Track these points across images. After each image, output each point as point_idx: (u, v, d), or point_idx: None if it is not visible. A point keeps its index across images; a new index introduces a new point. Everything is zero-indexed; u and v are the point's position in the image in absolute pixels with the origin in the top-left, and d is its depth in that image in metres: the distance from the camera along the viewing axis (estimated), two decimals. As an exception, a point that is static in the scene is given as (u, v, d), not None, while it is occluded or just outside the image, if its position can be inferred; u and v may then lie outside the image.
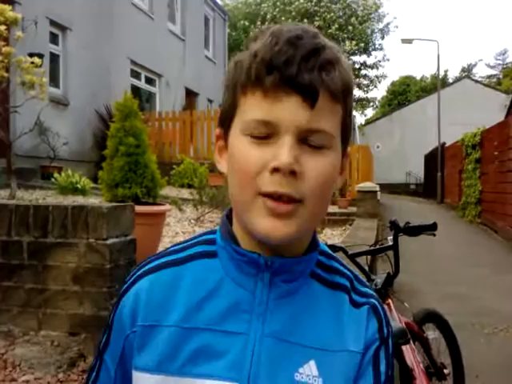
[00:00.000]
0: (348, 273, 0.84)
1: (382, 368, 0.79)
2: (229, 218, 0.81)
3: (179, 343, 0.74)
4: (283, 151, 0.67)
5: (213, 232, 0.83)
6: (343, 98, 0.72)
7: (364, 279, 0.87)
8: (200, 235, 0.84)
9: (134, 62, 14.30)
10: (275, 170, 0.67)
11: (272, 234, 0.70)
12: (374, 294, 0.85)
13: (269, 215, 0.69)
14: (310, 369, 0.74)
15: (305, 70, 0.67)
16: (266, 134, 0.69)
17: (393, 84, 46.64)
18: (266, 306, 0.75)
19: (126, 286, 0.81)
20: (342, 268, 0.84)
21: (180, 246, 0.83)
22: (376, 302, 0.82)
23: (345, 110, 0.73)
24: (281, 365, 0.73)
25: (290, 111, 0.68)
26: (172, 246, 0.84)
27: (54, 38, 11.10)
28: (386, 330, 0.80)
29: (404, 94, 44.86)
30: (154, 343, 0.75)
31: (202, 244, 0.81)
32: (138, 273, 0.81)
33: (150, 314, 0.76)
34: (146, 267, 0.81)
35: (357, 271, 2.81)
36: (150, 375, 0.74)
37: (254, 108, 0.69)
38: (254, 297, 0.75)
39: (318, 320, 0.77)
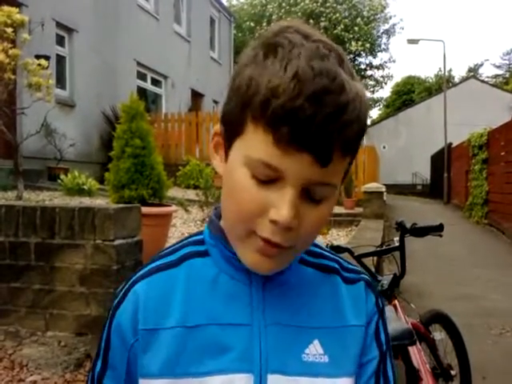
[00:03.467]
0: (333, 256, 0.87)
1: (383, 338, 0.84)
2: (216, 215, 0.82)
3: (184, 343, 0.74)
4: (285, 206, 0.66)
5: (199, 233, 0.83)
6: (355, 150, 0.70)
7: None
8: (187, 237, 0.84)
9: (139, 64, 14.34)
10: (273, 221, 0.67)
11: (259, 268, 0.72)
12: (362, 269, 0.88)
13: (258, 252, 0.70)
14: (315, 348, 0.77)
15: (323, 133, 0.64)
16: (270, 178, 0.67)
17: (397, 84, 46.56)
18: (263, 297, 0.76)
19: (117, 299, 0.79)
20: (327, 253, 0.86)
21: (169, 249, 0.83)
22: (367, 277, 0.86)
23: (354, 154, 0.71)
24: (288, 349, 0.75)
25: (300, 166, 0.65)
26: (160, 251, 0.83)
27: (60, 40, 11.14)
28: (380, 303, 0.85)
29: (408, 93, 44.77)
30: (157, 347, 0.74)
31: (191, 245, 0.81)
32: (130, 281, 0.79)
33: (150, 317, 0.75)
34: (138, 274, 0.80)
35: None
36: (158, 380, 0.74)
37: (262, 149, 0.66)
38: (250, 289, 0.76)
39: (316, 301, 0.80)
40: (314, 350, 0.76)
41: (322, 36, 0.71)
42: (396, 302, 2.63)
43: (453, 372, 2.90)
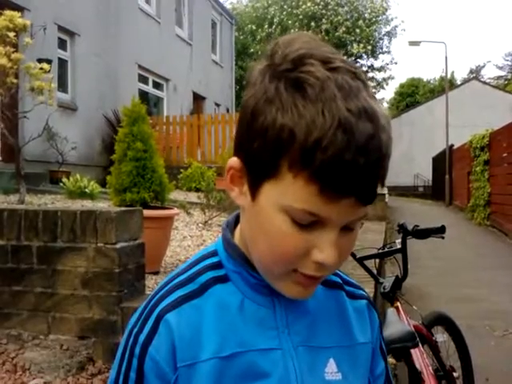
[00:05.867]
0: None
1: (384, 347, 0.89)
2: (230, 230, 0.80)
3: (222, 374, 0.73)
4: (330, 249, 0.67)
5: (213, 253, 0.81)
6: None
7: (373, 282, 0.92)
8: (200, 259, 0.81)
9: (141, 67, 14.37)
10: (318, 262, 0.68)
11: (297, 297, 0.74)
12: (354, 281, 0.90)
13: (298, 284, 0.71)
14: (331, 366, 0.79)
15: (370, 177, 0.64)
16: (310, 222, 0.66)
17: (401, 86, 46.56)
18: (286, 319, 0.77)
19: (146, 331, 0.74)
20: None
21: (186, 274, 0.79)
22: (365, 293, 0.89)
23: None
24: (314, 369, 0.77)
25: (344, 211, 0.65)
26: (177, 276, 0.80)
27: (62, 44, 11.17)
28: (377, 312, 0.88)
29: (412, 95, 44.77)
30: (196, 380, 0.73)
31: (208, 270, 0.79)
32: (156, 310, 0.75)
33: (186, 351, 0.73)
34: (164, 303, 0.75)
35: (365, 274, 2.81)
36: None
37: (305, 199, 0.64)
38: (274, 313, 0.77)
39: (327, 319, 0.81)
40: (331, 369, 0.78)
41: (338, 55, 0.68)
42: (398, 304, 2.63)
43: (455, 374, 2.89)
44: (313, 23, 27.79)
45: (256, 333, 0.75)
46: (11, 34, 6.02)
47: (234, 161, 0.72)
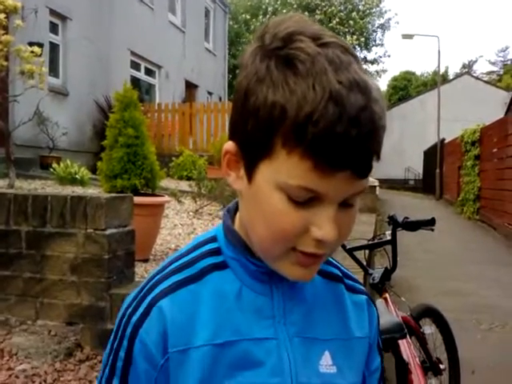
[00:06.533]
0: (334, 261, 0.87)
1: (380, 343, 0.88)
2: (230, 217, 0.79)
3: (215, 361, 0.72)
4: (328, 225, 0.66)
5: (212, 239, 0.80)
6: None
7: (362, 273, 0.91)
8: (200, 244, 0.81)
9: (133, 53, 14.26)
10: (318, 239, 0.67)
11: (299, 279, 0.73)
12: (354, 275, 0.90)
13: (298, 264, 0.70)
14: (326, 359, 0.78)
15: (365, 149, 0.63)
16: (306, 199, 0.66)
17: (394, 79, 46.60)
18: (283, 308, 0.77)
19: (137, 314, 0.74)
20: (329, 258, 0.86)
21: (185, 259, 0.79)
22: (364, 288, 0.88)
23: None
24: (309, 361, 0.77)
25: (340, 185, 0.64)
26: (175, 260, 0.79)
27: (53, 28, 11.05)
28: (375, 308, 0.88)
29: (405, 89, 44.84)
30: (189, 367, 0.72)
31: (207, 255, 0.78)
32: (151, 296, 0.75)
33: (179, 337, 0.73)
34: (159, 288, 0.75)
35: (355, 265, 2.81)
36: None
37: (300, 175, 0.63)
38: (272, 301, 0.76)
39: (325, 311, 0.80)
40: (325, 361, 0.78)
41: (328, 32, 0.68)
42: (387, 295, 2.64)
43: (442, 366, 2.92)
44: (307, 13, 27.71)
45: (252, 321, 0.75)
46: (1, 16, 5.93)
47: (230, 144, 0.71)
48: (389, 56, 53.85)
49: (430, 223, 2.67)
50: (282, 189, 0.66)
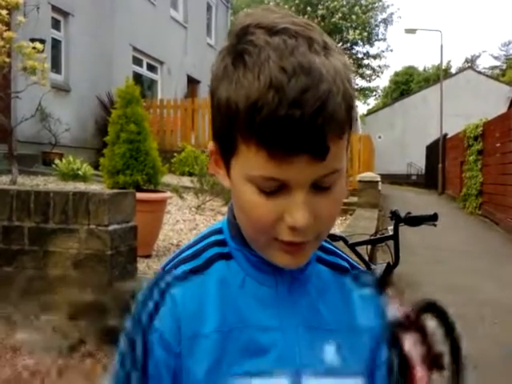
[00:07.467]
0: (343, 254, 0.88)
1: (389, 335, 0.87)
2: (233, 214, 0.80)
3: (223, 348, 0.74)
4: (298, 211, 0.66)
5: (218, 231, 0.82)
6: (349, 125, 0.68)
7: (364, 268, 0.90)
8: (207, 235, 0.83)
9: (135, 49, 14.24)
10: (291, 227, 0.68)
11: (288, 266, 0.74)
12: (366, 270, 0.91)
13: (285, 252, 0.71)
14: (331, 349, 0.79)
15: (314, 129, 0.62)
16: (275, 188, 0.67)
17: (396, 74, 46.47)
18: (288, 299, 0.78)
19: (152, 301, 0.76)
20: (338, 250, 0.87)
21: (192, 249, 0.81)
22: (372, 281, 0.88)
23: (350, 128, 0.69)
24: (314, 350, 0.77)
25: (300, 170, 0.64)
26: (184, 251, 0.82)
27: (55, 24, 11.04)
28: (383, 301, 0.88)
29: (407, 84, 44.71)
30: (198, 353, 0.74)
31: (213, 246, 0.80)
32: (162, 286, 0.77)
33: (189, 325, 0.74)
34: (168, 278, 0.77)
35: (357, 260, 2.82)
36: None
37: (260, 165, 0.65)
38: (277, 292, 0.78)
39: (331, 302, 0.81)
40: (329, 351, 0.78)
41: (286, 18, 0.68)
42: (389, 290, 2.64)
43: (444, 360, 2.92)
44: (309, 8, 27.63)
45: (257, 310, 0.76)
46: (3, 12, 5.93)
47: (211, 145, 0.74)
48: (391, 51, 53.80)
49: (432, 218, 2.67)
50: (250, 181, 0.67)
